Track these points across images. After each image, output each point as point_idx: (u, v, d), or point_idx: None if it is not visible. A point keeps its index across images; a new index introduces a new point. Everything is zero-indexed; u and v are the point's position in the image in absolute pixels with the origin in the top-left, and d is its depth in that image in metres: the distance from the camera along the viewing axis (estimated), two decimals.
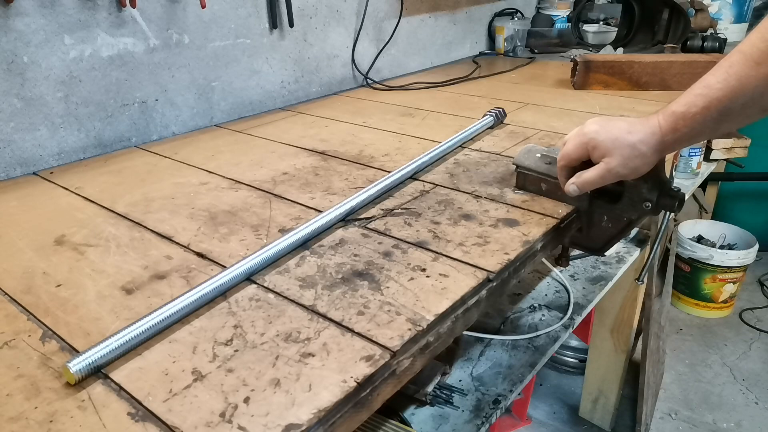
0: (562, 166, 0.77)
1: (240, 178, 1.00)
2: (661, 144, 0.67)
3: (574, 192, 0.76)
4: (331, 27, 1.60)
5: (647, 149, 0.68)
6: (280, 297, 0.64)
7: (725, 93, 0.60)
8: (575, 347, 2.02)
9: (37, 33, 1.04)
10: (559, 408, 1.93)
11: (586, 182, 0.73)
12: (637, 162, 0.69)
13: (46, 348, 0.57)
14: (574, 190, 0.75)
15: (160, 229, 0.81)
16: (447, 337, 0.61)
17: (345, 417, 0.49)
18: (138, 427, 0.47)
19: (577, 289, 1.28)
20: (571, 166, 0.76)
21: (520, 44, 2.16)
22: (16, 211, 0.90)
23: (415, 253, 0.72)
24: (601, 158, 0.71)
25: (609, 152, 0.69)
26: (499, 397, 0.99)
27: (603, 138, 0.70)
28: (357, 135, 1.22)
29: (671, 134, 0.66)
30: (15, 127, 1.05)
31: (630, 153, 0.68)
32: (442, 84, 1.69)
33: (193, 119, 1.33)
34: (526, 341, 1.12)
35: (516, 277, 0.73)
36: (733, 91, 0.60)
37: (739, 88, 0.59)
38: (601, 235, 0.86)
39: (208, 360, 0.54)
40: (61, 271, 0.72)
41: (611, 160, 0.69)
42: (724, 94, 0.60)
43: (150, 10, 1.19)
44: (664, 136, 0.66)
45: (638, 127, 0.68)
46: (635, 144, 0.68)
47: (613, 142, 0.69)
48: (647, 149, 0.68)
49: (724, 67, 0.61)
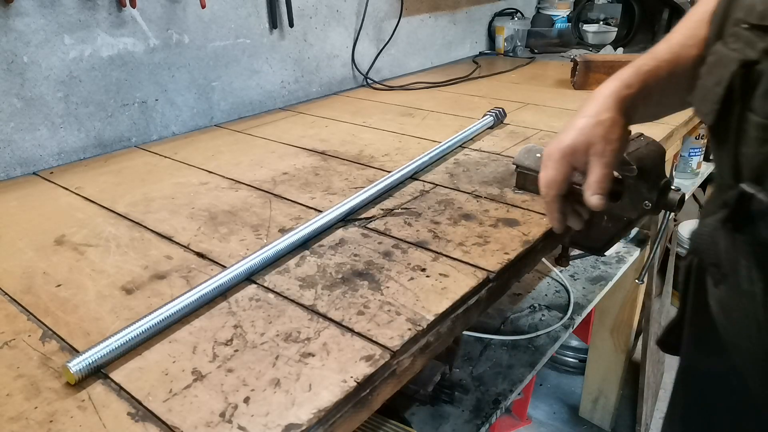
0: (554, 197, 0.65)
1: (240, 178, 1.00)
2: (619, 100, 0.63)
3: (600, 200, 0.62)
4: (331, 27, 1.60)
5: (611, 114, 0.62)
6: (280, 297, 0.64)
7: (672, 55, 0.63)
8: (575, 347, 2.02)
9: (37, 33, 1.04)
10: (559, 408, 1.93)
11: (600, 180, 0.62)
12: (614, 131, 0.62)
13: (46, 348, 0.57)
14: (598, 199, 0.62)
15: (160, 229, 0.81)
16: (447, 337, 0.61)
17: (345, 417, 0.49)
18: (138, 427, 0.47)
19: (577, 289, 1.28)
20: (561, 193, 0.65)
21: (520, 44, 2.16)
22: (16, 211, 0.90)
23: (415, 253, 0.72)
24: (585, 155, 0.63)
25: (588, 143, 0.62)
26: (499, 397, 0.99)
27: (571, 139, 0.63)
28: (357, 135, 1.22)
29: (626, 89, 0.63)
30: (15, 127, 1.05)
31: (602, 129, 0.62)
32: (442, 84, 1.69)
33: (193, 119, 1.33)
34: (526, 341, 1.12)
35: (516, 277, 0.73)
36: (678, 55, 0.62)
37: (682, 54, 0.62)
38: (601, 235, 0.86)
39: (208, 360, 0.54)
40: (61, 271, 0.72)
41: (595, 147, 0.62)
42: (671, 57, 0.63)
43: (150, 10, 1.19)
44: (619, 93, 0.63)
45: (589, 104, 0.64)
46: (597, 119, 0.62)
47: (582, 134, 0.62)
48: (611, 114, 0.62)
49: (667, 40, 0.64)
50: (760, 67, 0.44)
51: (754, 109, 0.45)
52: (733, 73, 0.45)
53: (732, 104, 0.46)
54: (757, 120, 0.44)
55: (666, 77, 0.63)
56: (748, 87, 0.45)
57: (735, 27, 0.48)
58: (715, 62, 0.49)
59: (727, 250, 0.50)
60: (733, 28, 0.49)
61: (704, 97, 0.50)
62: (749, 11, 0.46)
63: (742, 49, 0.46)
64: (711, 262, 0.52)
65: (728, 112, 0.47)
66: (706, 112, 0.49)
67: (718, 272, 0.52)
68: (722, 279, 0.52)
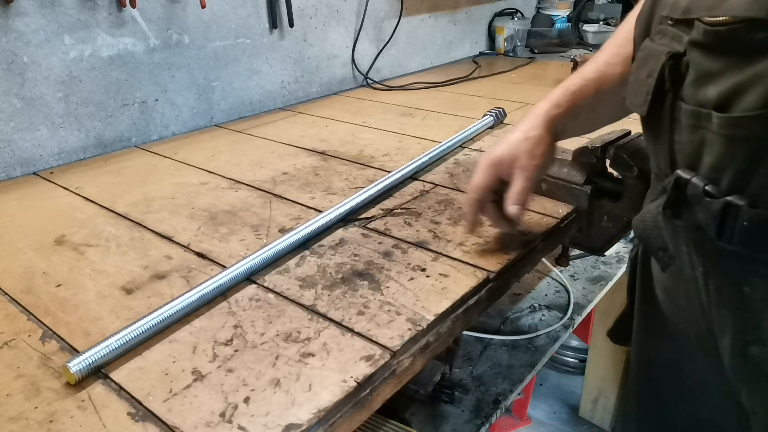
0: (472, 200, 0.70)
1: (240, 178, 1.00)
2: (548, 120, 0.68)
3: (518, 211, 0.68)
4: (331, 27, 1.60)
5: (538, 131, 0.68)
6: (280, 297, 0.64)
7: (598, 75, 0.67)
8: (575, 347, 2.02)
9: (37, 33, 1.04)
10: (559, 408, 1.93)
11: (520, 193, 0.67)
12: (539, 148, 0.67)
13: (46, 348, 0.57)
14: (516, 209, 0.67)
15: (160, 229, 0.81)
16: (447, 337, 0.61)
17: (345, 417, 0.49)
18: (138, 427, 0.47)
19: (577, 289, 1.28)
20: (482, 200, 0.70)
21: (520, 44, 2.16)
22: (16, 211, 0.90)
23: (415, 253, 0.72)
24: (511, 168, 0.68)
25: (514, 157, 0.68)
26: (499, 397, 0.99)
27: (500, 151, 0.69)
28: (357, 135, 1.22)
29: (555, 109, 0.68)
30: (15, 127, 1.05)
31: (528, 145, 0.68)
32: (442, 84, 1.69)
33: (193, 119, 1.33)
34: (526, 341, 1.12)
35: (516, 277, 0.73)
36: (604, 74, 0.66)
37: (607, 72, 0.66)
38: (601, 235, 0.86)
39: (208, 360, 0.54)
40: (61, 271, 0.71)
41: (520, 161, 0.67)
42: (597, 76, 0.67)
43: (150, 10, 1.19)
44: (548, 113, 0.68)
45: (523, 122, 0.70)
46: (526, 135, 0.68)
47: (509, 148, 0.68)
48: (538, 131, 0.68)
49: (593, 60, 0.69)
50: (686, 58, 0.46)
51: (685, 98, 0.47)
52: (662, 65, 0.48)
53: (663, 95, 0.48)
54: (688, 108, 0.46)
55: (593, 95, 0.67)
56: (677, 77, 0.47)
57: (661, 24, 0.51)
58: (645, 57, 0.51)
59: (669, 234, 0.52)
60: (659, 26, 0.51)
61: (637, 89, 0.52)
62: (673, 8, 0.48)
63: (668, 43, 0.49)
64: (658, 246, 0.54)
65: (660, 102, 0.49)
66: (639, 103, 0.51)
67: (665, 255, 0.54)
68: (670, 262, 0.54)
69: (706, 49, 0.44)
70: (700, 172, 0.46)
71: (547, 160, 0.69)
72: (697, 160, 0.46)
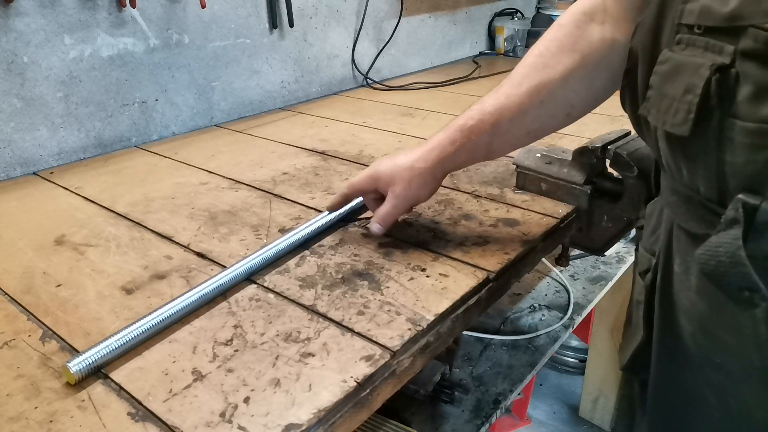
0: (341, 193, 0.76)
1: (240, 178, 1.00)
2: (440, 158, 0.69)
3: (379, 230, 0.73)
4: (331, 27, 1.60)
5: (425, 165, 0.69)
6: (280, 297, 0.64)
7: (496, 107, 0.66)
8: (575, 347, 2.02)
9: (37, 33, 1.04)
10: (559, 408, 1.93)
11: (384, 216, 0.72)
12: (418, 180, 0.69)
13: (46, 348, 0.57)
14: (378, 228, 0.73)
15: (160, 229, 0.81)
16: (447, 337, 0.61)
17: (345, 417, 0.49)
18: (138, 427, 0.47)
19: (577, 289, 1.28)
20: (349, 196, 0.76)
21: (520, 44, 2.16)
22: (16, 211, 0.90)
23: (415, 253, 0.72)
24: (386, 188, 0.71)
25: (392, 180, 0.70)
26: (499, 397, 0.99)
27: (384, 168, 0.71)
28: (357, 135, 1.22)
29: (450, 146, 0.68)
30: (15, 127, 1.05)
31: (409, 174, 0.69)
32: (442, 84, 1.69)
33: (193, 119, 1.33)
34: (526, 341, 1.12)
35: (516, 277, 0.73)
36: (502, 106, 0.66)
37: (506, 104, 0.66)
38: (601, 235, 0.86)
39: (208, 360, 0.54)
40: (61, 271, 0.72)
41: (395, 187, 0.70)
42: (495, 109, 0.66)
43: (150, 10, 1.19)
44: (443, 150, 0.68)
45: (418, 150, 0.70)
46: (412, 164, 0.69)
47: (392, 169, 0.70)
48: (425, 165, 0.69)
49: (496, 89, 0.68)
50: (734, 70, 0.42)
51: (739, 115, 0.42)
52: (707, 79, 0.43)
53: (709, 112, 0.43)
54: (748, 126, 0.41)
55: (489, 131, 0.67)
56: (726, 92, 0.42)
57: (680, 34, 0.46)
58: (673, 70, 0.46)
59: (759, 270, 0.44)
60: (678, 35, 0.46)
61: (671, 107, 0.46)
62: (703, 15, 0.44)
63: (702, 54, 0.44)
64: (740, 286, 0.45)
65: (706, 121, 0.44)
66: (678, 122, 0.45)
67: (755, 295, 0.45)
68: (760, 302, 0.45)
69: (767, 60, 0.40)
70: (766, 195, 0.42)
71: (421, 193, 0.71)
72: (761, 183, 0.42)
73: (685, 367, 0.58)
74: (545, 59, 0.65)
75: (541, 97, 0.65)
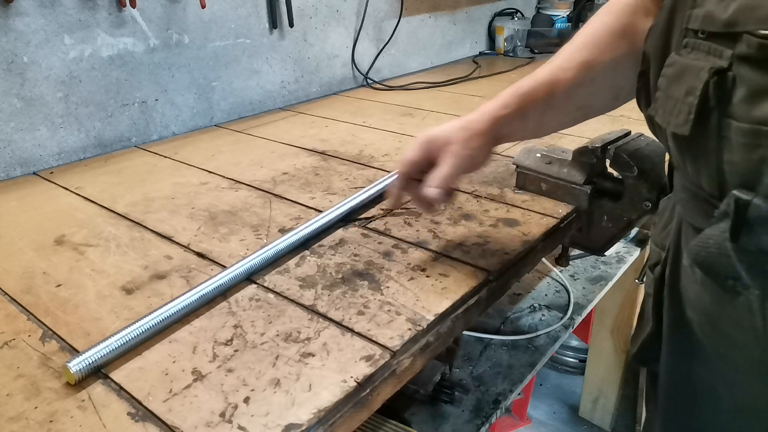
0: (400, 174, 0.70)
1: (240, 178, 1.00)
2: (493, 120, 0.66)
3: (437, 194, 0.65)
4: (331, 27, 1.60)
5: (480, 125, 0.66)
6: (280, 297, 0.64)
7: (550, 79, 0.65)
8: (575, 347, 2.02)
9: (37, 33, 1.04)
10: (559, 408, 1.93)
11: (443, 177, 0.65)
12: (476, 140, 0.66)
13: (46, 348, 0.57)
14: (435, 192, 0.65)
15: (160, 229, 0.81)
16: (447, 337, 0.61)
17: (345, 417, 0.49)
18: (138, 427, 0.47)
19: (577, 289, 1.28)
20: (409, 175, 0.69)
21: (520, 44, 2.16)
22: (16, 211, 0.90)
23: (415, 253, 0.72)
24: (441, 150, 0.67)
25: (447, 140, 0.66)
26: (499, 397, 0.99)
27: (437, 131, 0.68)
28: (357, 135, 1.22)
29: (503, 109, 0.66)
30: (15, 127, 1.05)
31: (465, 134, 0.66)
32: (442, 84, 1.69)
33: (193, 119, 1.33)
34: (526, 341, 1.12)
35: (516, 277, 0.73)
36: (556, 78, 0.65)
37: (560, 76, 0.65)
38: (601, 235, 0.86)
39: (208, 360, 0.54)
40: (61, 271, 0.72)
41: (452, 145, 0.66)
42: (549, 79, 0.65)
43: (150, 10, 1.19)
44: (495, 112, 0.66)
45: (470, 114, 0.68)
46: (466, 125, 0.66)
47: (447, 131, 0.67)
48: (480, 125, 0.66)
49: (548, 64, 0.67)
50: (731, 73, 0.44)
51: (735, 116, 0.44)
52: (706, 82, 0.45)
53: (708, 113, 0.46)
54: (743, 126, 0.43)
55: (544, 98, 0.66)
56: (723, 95, 0.45)
57: (687, 38, 0.48)
58: (678, 73, 0.49)
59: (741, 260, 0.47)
60: (685, 39, 0.49)
61: (674, 108, 0.49)
62: (706, 21, 0.46)
63: (704, 57, 0.46)
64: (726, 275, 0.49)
65: (705, 121, 0.46)
66: (680, 123, 0.48)
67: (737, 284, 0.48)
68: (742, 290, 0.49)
69: (760, 64, 0.42)
70: (759, 192, 0.44)
71: (479, 156, 0.67)
72: (755, 180, 0.44)
73: (695, 360, 0.59)
74: (596, 39, 0.65)
75: (593, 74, 0.65)
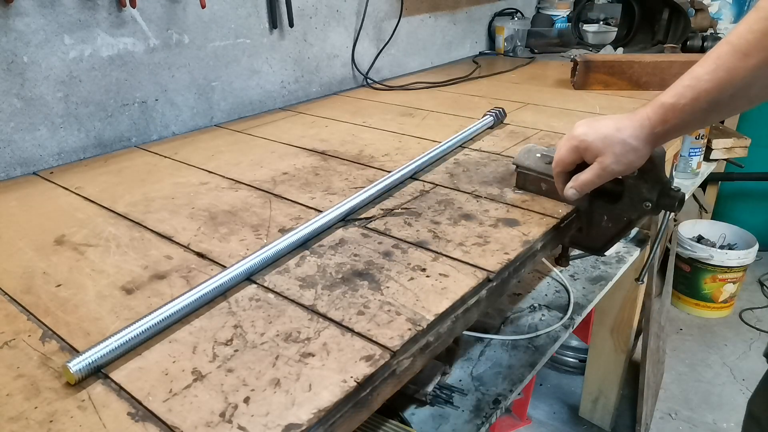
0: (558, 173, 0.78)
1: (240, 178, 1.00)
2: (652, 136, 0.68)
3: (574, 196, 0.75)
4: (331, 27, 1.60)
5: (638, 143, 0.68)
6: (280, 297, 0.64)
7: (714, 85, 0.60)
8: (575, 347, 2.02)
9: (37, 33, 1.04)
10: (559, 408, 1.93)
11: (584, 184, 0.74)
12: (630, 157, 0.69)
13: (46, 348, 0.57)
14: (573, 194, 0.75)
15: (160, 229, 0.81)
16: (447, 337, 0.61)
17: (345, 417, 0.49)
18: (138, 427, 0.47)
19: (577, 289, 1.28)
20: (566, 172, 0.77)
21: (520, 44, 2.16)
22: (16, 211, 0.90)
23: (415, 253, 0.72)
24: (594, 158, 0.71)
25: (601, 151, 0.70)
26: (499, 397, 0.99)
27: (593, 138, 0.70)
28: (357, 135, 1.22)
29: (661, 126, 0.66)
30: (15, 127, 1.05)
31: (622, 149, 0.69)
32: (442, 84, 1.69)
33: (193, 119, 1.33)
34: (526, 341, 1.12)
35: (516, 277, 0.73)
36: (722, 82, 0.60)
37: (727, 79, 0.60)
38: (601, 235, 0.86)
39: (208, 360, 0.54)
40: (61, 271, 0.72)
41: (605, 158, 0.70)
42: (712, 86, 0.61)
43: (150, 10, 1.19)
44: (653, 128, 0.67)
45: (626, 122, 0.69)
46: (626, 140, 0.68)
47: (603, 141, 0.69)
48: (638, 143, 0.68)
49: (713, 59, 0.61)
50: None
51: None
52: None
53: None
54: None
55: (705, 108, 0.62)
56: None
57: None
58: None
59: None
60: None
61: None
62: None
63: None
64: None
65: None
66: None
67: None
68: None
69: None
70: None
71: (627, 170, 0.71)
72: None
73: None
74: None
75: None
